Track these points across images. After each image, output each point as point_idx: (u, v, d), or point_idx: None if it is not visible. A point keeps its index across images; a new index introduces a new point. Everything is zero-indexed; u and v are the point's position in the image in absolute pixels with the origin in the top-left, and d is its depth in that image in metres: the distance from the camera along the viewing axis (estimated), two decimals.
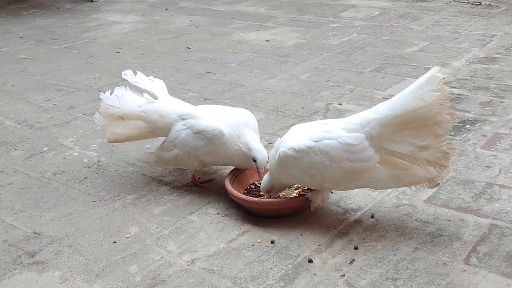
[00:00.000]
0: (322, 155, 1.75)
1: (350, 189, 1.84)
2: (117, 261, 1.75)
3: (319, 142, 1.76)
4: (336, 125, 1.79)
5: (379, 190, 2.03)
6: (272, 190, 1.92)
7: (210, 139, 2.02)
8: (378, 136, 1.71)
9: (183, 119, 2.10)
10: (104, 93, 2.23)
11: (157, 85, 2.27)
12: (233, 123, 2.03)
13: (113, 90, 2.22)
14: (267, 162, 1.94)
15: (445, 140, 1.73)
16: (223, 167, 2.28)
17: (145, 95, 2.19)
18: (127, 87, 2.24)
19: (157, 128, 2.17)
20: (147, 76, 2.32)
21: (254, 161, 1.99)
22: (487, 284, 1.55)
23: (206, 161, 2.08)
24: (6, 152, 2.56)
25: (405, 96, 1.70)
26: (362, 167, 1.73)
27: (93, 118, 2.29)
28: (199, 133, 2.04)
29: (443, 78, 1.65)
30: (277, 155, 1.82)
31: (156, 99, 2.18)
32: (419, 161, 1.71)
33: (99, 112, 2.21)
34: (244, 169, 2.09)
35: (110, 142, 2.26)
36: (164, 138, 2.19)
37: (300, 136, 1.81)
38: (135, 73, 2.29)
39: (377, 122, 1.70)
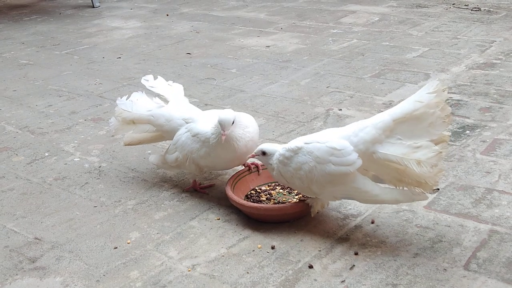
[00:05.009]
0: (308, 156, 1.80)
1: (336, 198, 1.84)
2: (118, 267, 1.75)
3: (309, 144, 1.82)
4: (339, 133, 1.82)
5: None
6: None
7: (204, 142, 2.03)
8: (372, 139, 1.73)
9: (187, 122, 2.13)
10: (121, 98, 2.29)
11: (173, 90, 2.32)
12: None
13: (130, 95, 2.29)
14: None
15: (442, 142, 1.70)
16: (224, 173, 2.29)
17: (155, 100, 2.24)
18: (143, 92, 2.31)
19: (164, 132, 2.22)
20: (167, 81, 2.36)
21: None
22: None
23: (201, 165, 2.09)
24: (8, 158, 2.56)
25: (404, 102, 1.75)
26: (344, 171, 1.75)
27: (108, 122, 2.37)
28: (195, 136, 2.07)
29: (443, 87, 1.67)
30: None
31: (167, 103, 2.22)
32: (410, 162, 1.67)
33: (114, 117, 2.29)
34: (242, 172, 2.10)
35: (125, 144, 2.35)
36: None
37: (298, 139, 1.89)
38: (155, 78, 2.35)
39: (373, 127, 1.74)
